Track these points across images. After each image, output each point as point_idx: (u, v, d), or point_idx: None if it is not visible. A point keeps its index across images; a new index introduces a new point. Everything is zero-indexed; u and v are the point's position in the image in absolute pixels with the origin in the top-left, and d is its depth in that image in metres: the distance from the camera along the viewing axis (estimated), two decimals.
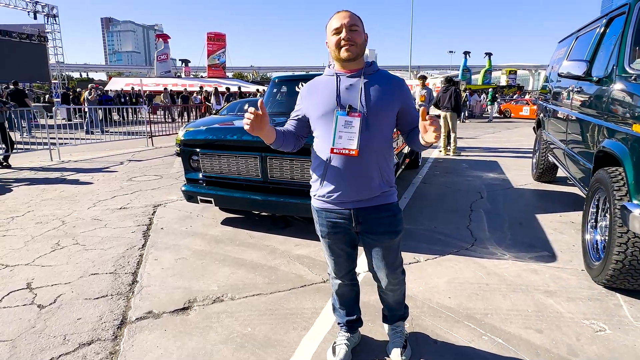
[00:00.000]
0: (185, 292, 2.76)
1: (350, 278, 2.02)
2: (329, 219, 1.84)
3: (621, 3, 3.41)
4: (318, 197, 1.84)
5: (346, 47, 1.68)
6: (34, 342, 2.21)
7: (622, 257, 2.50)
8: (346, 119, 1.67)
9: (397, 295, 2.04)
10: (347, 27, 1.67)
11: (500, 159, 8.25)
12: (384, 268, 1.88)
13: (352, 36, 1.67)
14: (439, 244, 3.62)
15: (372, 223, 1.80)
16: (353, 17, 1.70)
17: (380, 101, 1.71)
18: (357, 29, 1.69)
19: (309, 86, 1.85)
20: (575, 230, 3.93)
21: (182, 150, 4.01)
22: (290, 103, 5.12)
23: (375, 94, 1.71)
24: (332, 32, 1.70)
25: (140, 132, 11.63)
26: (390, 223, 1.81)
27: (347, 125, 1.67)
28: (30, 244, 3.65)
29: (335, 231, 1.85)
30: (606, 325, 2.36)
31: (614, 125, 2.84)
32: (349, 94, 1.71)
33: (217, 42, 38.01)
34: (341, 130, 1.68)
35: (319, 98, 1.77)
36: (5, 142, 7.69)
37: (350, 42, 1.67)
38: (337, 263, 1.95)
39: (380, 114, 1.71)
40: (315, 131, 1.80)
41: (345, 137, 1.67)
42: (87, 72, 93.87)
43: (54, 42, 27.87)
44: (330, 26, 1.71)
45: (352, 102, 1.70)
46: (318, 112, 1.76)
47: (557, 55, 5.72)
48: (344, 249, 1.91)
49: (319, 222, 1.89)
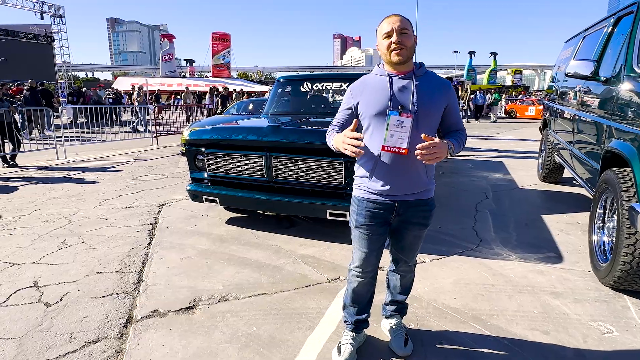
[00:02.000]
0: (190, 291, 2.77)
1: (372, 276, 2.05)
2: (369, 209, 1.89)
3: (629, 2, 3.38)
4: (362, 188, 1.90)
5: (397, 52, 1.74)
6: (41, 339, 2.23)
7: (630, 258, 2.48)
8: (398, 118, 1.73)
9: (406, 280, 2.15)
10: (398, 31, 1.72)
11: (506, 159, 8.21)
12: (408, 251, 2.03)
13: (403, 40, 1.73)
14: (444, 244, 3.60)
15: (410, 215, 1.90)
16: (403, 21, 1.75)
17: (430, 102, 1.78)
18: (407, 32, 1.74)
19: (361, 84, 1.91)
20: (582, 232, 3.90)
21: (187, 150, 4.02)
22: (295, 103, 5.13)
23: (426, 95, 1.78)
24: (383, 35, 1.76)
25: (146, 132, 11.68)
26: (424, 216, 1.93)
27: (399, 124, 1.73)
28: (36, 243, 3.68)
29: (371, 222, 1.90)
30: (613, 327, 2.34)
31: (621, 126, 2.81)
32: (402, 95, 1.77)
33: (222, 42, 38.14)
34: (393, 129, 1.73)
35: (372, 96, 1.82)
36: (12, 141, 7.75)
37: (401, 45, 1.73)
38: (366, 257, 1.96)
39: (429, 115, 1.78)
40: (367, 128, 1.85)
41: (396, 136, 1.73)
42: (92, 72, 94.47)
43: (60, 42, 28.03)
44: (381, 30, 1.77)
45: (405, 103, 1.76)
46: (372, 110, 1.81)
47: (563, 55, 5.68)
48: (375, 242, 1.94)
49: (357, 211, 1.93)
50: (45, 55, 27.26)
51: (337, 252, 3.43)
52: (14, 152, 7.67)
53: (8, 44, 24.30)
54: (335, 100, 5.08)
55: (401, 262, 2.08)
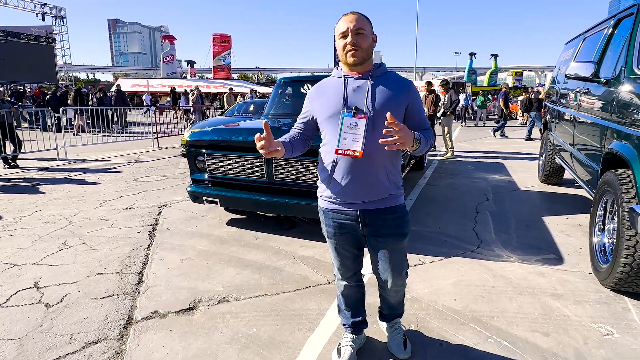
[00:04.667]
0: (190, 293, 2.77)
1: (356, 280, 2.02)
2: (335, 220, 1.84)
3: (629, 4, 3.39)
4: (325, 198, 1.85)
5: (351, 52, 1.67)
6: (41, 340, 2.23)
7: (630, 260, 2.48)
8: (352, 120, 1.68)
9: (399, 296, 2.07)
10: (353, 31, 1.66)
11: (506, 160, 8.20)
12: (390, 271, 1.87)
13: (358, 41, 1.66)
14: (444, 245, 3.60)
15: (379, 225, 1.80)
16: (360, 20, 1.67)
17: (386, 103, 1.70)
18: (364, 32, 1.67)
19: (316, 88, 1.86)
20: (583, 233, 3.89)
21: (187, 151, 4.03)
22: (295, 104, 5.13)
23: (382, 95, 1.71)
24: (339, 35, 1.70)
25: (147, 132, 11.70)
26: (397, 225, 1.82)
27: (353, 126, 1.67)
28: (37, 244, 3.68)
29: (341, 232, 1.85)
30: (614, 329, 2.33)
31: (622, 127, 2.81)
32: (356, 96, 1.72)
33: (223, 43, 38.19)
34: (346, 131, 1.68)
35: (326, 100, 1.78)
36: (14, 142, 7.76)
37: (356, 47, 1.66)
38: (343, 264, 1.95)
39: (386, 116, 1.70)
40: (323, 133, 1.81)
41: (350, 139, 1.67)
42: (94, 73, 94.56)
43: (61, 43, 28.16)
44: (338, 29, 1.70)
45: (359, 104, 1.70)
46: (325, 114, 1.77)
47: (564, 56, 5.68)
48: (350, 250, 1.91)
49: (325, 222, 1.90)
50: (46, 56, 27.31)
51: None
52: (15, 153, 7.68)
53: (9, 45, 24.35)
54: None
55: (389, 284, 1.92)
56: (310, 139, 1.92)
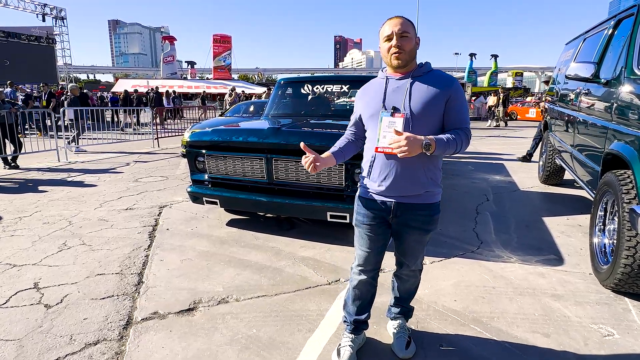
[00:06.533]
0: (190, 293, 2.77)
1: (372, 277, 2.04)
2: (368, 208, 1.91)
3: (629, 4, 3.39)
4: (363, 186, 1.93)
5: (396, 55, 1.74)
6: (41, 341, 2.23)
7: (631, 260, 2.48)
8: (390, 119, 1.73)
9: (410, 284, 2.15)
10: (398, 34, 1.72)
11: (507, 161, 8.20)
12: (409, 255, 2.01)
13: (402, 44, 1.73)
14: (444, 246, 3.60)
15: (408, 218, 1.89)
16: (404, 24, 1.74)
17: (424, 102, 1.74)
18: (408, 35, 1.74)
19: (363, 89, 1.95)
20: (583, 234, 3.89)
21: (188, 152, 4.03)
22: (295, 104, 5.13)
23: (420, 94, 1.75)
24: (383, 38, 1.77)
25: (147, 133, 11.70)
26: (425, 222, 1.91)
27: (391, 125, 1.73)
28: (37, 244, 3.68)
29: (370, 221, 1.91)
30: (614, 329, 2.33)
31: (622, 128, 2.81)
32: (395, 96, 1.78)
33: (223, 44, 38.23)
34: (385, 130, 1.74)
35: (368, 100, 1.86)
36: (14, 143, 7.76)
37: (400, 50, 1.73)
38: (366, 256, 1.97)
39: (425, 115, 1.75)
40: (367, 130, 1.90)
41: (389, 137, 1.72)
42: (94, 74, 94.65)
43: (62, 44, 28.16)
44: (382, 33, 1.77)
45: (397, 104, 1.76)
46: (367, 113, 1.86)
47: (564, 57, 5.69)
48: (375, 241, 1.95)
49: (358, 210, 1.96)
50: (46, 56, 27.36)
51: (338, 254, 3.42)
52: (15, 154, 7.68)
53: (10, 45, 24.39)
54: (335, 102, 5.08)
55: (404, 266, 2.07)
56: (362, 138, 2.00)
